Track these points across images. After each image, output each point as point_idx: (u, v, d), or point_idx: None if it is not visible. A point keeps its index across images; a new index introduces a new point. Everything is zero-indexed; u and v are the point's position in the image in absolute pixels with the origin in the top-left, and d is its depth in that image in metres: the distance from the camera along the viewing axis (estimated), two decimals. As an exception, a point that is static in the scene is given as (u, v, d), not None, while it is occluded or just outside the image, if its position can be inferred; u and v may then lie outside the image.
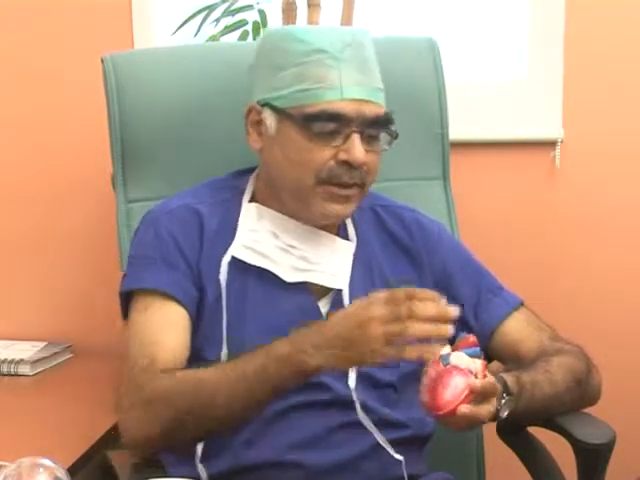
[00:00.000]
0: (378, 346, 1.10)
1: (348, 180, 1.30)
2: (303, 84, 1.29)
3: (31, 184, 2.11)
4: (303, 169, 1.30)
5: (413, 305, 1.10)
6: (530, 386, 1.27)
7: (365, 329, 1.11)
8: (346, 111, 1.28)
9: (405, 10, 2.06)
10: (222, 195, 1.41)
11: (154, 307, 1.31)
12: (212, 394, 1.18)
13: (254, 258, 1.35)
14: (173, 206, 1.38)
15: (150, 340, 1.28)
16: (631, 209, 1.96)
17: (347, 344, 1.12)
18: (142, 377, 1.24)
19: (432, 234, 1.46)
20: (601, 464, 1.28)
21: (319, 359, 1.13)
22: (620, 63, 1.92)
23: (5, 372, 1.92)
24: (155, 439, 1.22)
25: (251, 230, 1.36)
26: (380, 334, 1.10)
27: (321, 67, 1.29)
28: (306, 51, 1.30)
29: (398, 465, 1.30)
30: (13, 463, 0.95)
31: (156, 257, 1.34)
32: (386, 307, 1.11)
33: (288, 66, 1.30)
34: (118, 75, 1.59)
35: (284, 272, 1.34)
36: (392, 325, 1.10)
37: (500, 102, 1.98)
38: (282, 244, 1.35)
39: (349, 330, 1.12)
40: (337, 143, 1.29)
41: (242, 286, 1.34)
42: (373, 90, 1.31)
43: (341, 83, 1.28)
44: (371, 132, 1.31)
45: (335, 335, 1.13)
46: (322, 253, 1.37)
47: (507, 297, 1.45)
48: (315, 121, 1.28)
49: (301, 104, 1.29)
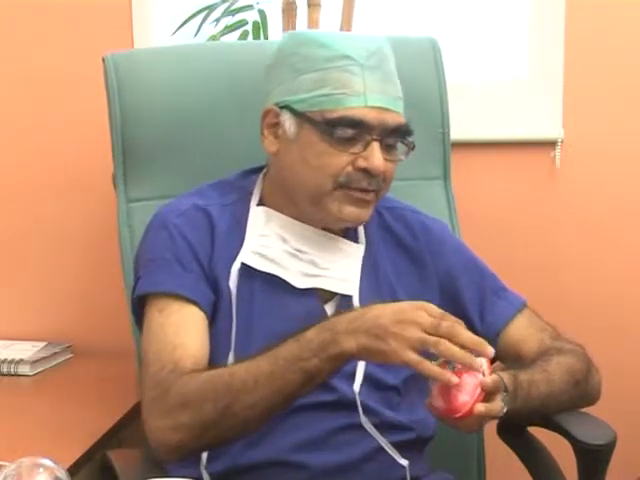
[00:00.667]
0: (407, 347, 1.10)
1: (366, 186, 1.30)
2: (325, 89, 1.28)
3: (31, 184, 2.10)
4: (322, 173, 1.29)
5: (455, 328, 1.11)
6: (527, 385, 1.27)
7: (404, 327, 1.11)
8: (368, 118, 1.28)
9: (406, 10, 2.06)
10: (230, 197, 1.40)
11: (172, 309, 1.30)
12: (245, 386, 1.16)
13: (263, 264, 1.34)
14: (183, 207, 1.37)
15: (172, 343, 1.26)
16: (631, 209, 1.96)
17: (381, 334, 1.11)
18: (170, 381, 1.22)
19: (436, 236, 1.46)
20: (601, 464, 1.28)
21: (352, 342, 1.12)
22: (620, 63, 1.92)
23: (5, 372, 1.92)
24: (191, 441, 1.20)
25: (260, 235, 1.36)
26: (415, 338, 1.10)
27: (345, 73, 1.28)
28: (330, 57, 1.29)
29: (400, 467, 1.30)
30: (13, 463, 0.94)
31: (171, 260, 1.32)
32: (432, 318, 1.12)
33: (310, 70, 1.30)
34: (119, 74, 1.59)
35: (293, 278, 1.34)
36: (429, 336, 1.10)
37: (500, 102, 1.99)
38: (290, 249, 1.35)
39: (390, 322, 1.12)
40: (356, 150, 1.29)
41: (250, 291, 1.34)
42: (395, 99, 1.32)
43: (365, 90, 1.28)
44: (390, 141, 1.31)
45: (374, 323, 1.12)
46: (331, 257, 1.36)
47: (511, 298, 1.45)
48: (337, 126, 1.27)
49: (323, 109, 1.28)
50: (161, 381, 1.23)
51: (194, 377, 1.21)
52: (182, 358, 1.24)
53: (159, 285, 1.32)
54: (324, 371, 1.16)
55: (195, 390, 1.20)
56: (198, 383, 1.20)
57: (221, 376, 1.20)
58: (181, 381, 1.21)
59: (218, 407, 1.17)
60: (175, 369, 1.23)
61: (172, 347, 1.26)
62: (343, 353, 1.13)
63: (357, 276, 1.37)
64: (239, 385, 1.17)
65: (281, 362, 1.16)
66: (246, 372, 1.17)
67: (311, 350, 1.14)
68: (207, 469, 1.29)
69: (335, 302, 1.36)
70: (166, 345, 1.27)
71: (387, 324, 1.12)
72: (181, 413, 1.19)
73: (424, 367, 1.10)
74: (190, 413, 1.19)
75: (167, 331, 1.28)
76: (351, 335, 1.13)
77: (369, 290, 1.37)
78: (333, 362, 1.15)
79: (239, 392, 1.17)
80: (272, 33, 1.91)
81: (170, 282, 1.31)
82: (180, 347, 1.26)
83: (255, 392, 1.16)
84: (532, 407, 1.29)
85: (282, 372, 1.15)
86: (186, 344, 1.27)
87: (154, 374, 1.24)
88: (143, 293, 1.33)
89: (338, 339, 1.13)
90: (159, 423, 1.21)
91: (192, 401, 1.19)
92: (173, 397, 1.20)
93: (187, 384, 1.21)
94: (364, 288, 1.36)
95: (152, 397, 1.23)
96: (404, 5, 2.06)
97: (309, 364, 1.14)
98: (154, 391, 1.23)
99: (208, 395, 1.18)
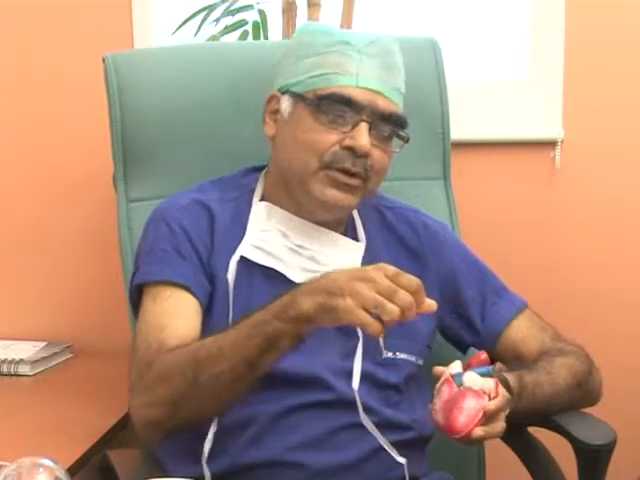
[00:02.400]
0: (357, 305, 1.07)
1: (350, 167, 1.30)
2: (321, 69, 1.31)
3: (31, 184, 2.10)
4: (308, 150, 1.30)
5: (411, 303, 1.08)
6: (532, 386, 1.28)
7: (359, 284, 1.08)
8: (358, 98, 1.29)
9: (406, 10, 2.06)
10: (231, 193, 1.41)
11: (164, 296, 1.31)
12: (210, 356, 1.17)
13: (263, 258, 1.35)
14: (184, 202, 1.38)
15: (160, 326, 1.27)
16: (631, 209, 1.96)
17: (337, 292, 1.09)
18: (153, 358, 1.23)
19: (438, 236, 1.47)
20: (602, 465, 1.28)
21: (309, 302, 1.11)
22: (620, 63, 1.92)
23: (5, 372, 1.92)
24: (167, 417, 1.21)
25: (261, 230, 1.36)
26: (368, 297, 1.07)
27: (342, 56, 1.30)
28: (329, 42, 1.32)
29: (400, 467, 1.30)
30: (13, 463, 0.94)
31: (168, 250, 1.33)
32: (388, 282, 1.08)
33: (310, 55, 1.33)
34: (119, 74, 1.59)
35: (293, 273, 1.34)
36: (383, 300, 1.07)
37: (500, 102, 1.98)
38: (291, 244, 1.35)
39: (345, 278, 1.09)
40: (345, 129, 1.30)
41: (249, 285, 1.34)
42: (391, 88, 1.32)
43: (358, 71, 1.30)
44: (381, 127, 1.31)
45: (332, 280, 1.11)
46: (331, 254, 1.36)
47: (512, 299, 1.46)
48: (325, 102, 1.29)
49: (315, 87, 1.31)
50: (145, 359, 1.24)
51: (172, 353, 1.22)
52: (169, 337, 1.25)
53: (154, 274, 1.33)
54: (286, 334, 1.14)
55: (170, 364, 1.21)
56: (173, 357, 1.21)
57: (191, 348, 1.21)
58: (162, 357, 1.22)
59: (187, 378, 1.18)
60: (160, 347, 1.24)
61: (160, 328, 1.27)
62: (302, 313, 1.11)
63: None
64: (204, 355, 1.18)
65: (245, 328, 1.16)
66: (213, 342, 1.18)
67: (272, 312, 1.14)
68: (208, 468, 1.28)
69: None
70: (155, 327, 1.28)
71: (343, 281, 1.09)
72: (157, 387, 1.21)
73: (369, 330, 1.07)
74: (164, 387, 1.20)
75: (157, 316, 1.29)
76: (309, 295, 1.11)
77: None
78: (294, 324, 1.13)
79: (204, 361, 1.17)
80: (272, 33, 1.91)
81: (165, 270, 1.32)
82: (168, 328, 1.27)
83: (219, 361, 1.16)
84: (536, 408, 1.30)
85: (245, 338, 1.15)
86: (175, 325, 1.27)
87: (141, 355, 1.26)
88: (139, 283, 1.35)
89: (297, 300, 1.12)
90: (139, 400, 1.23)
91: (166, 375, 1.20)
92: (152, 372, 1.22)
93: (165, 359, 1.22)
94: None
95: (136, 375, 1.25)
96: (404, 5, 2.06)
97: (270, 327, 1.14)
98: (139, 369, 1.24)
99: (179, 368, 1.19)
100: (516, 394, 1.24)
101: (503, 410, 1.19)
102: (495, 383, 1.17)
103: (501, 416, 1.19)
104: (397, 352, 1.36)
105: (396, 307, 1.07)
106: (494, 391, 1.17)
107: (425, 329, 1.41)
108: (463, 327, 1.44)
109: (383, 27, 2.04)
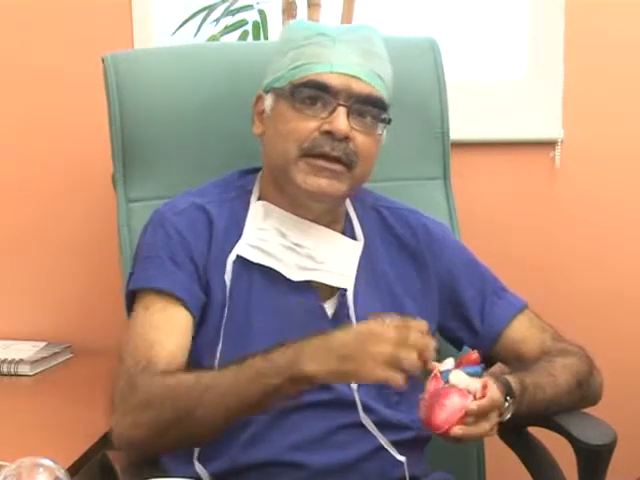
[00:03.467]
0: (380, 364, 1.10)
1: (330, 151, 1.30)
2: (298, 61, 1.32)
3: (31, 184, 2.10)
4: (288, 140, 1.31)
5: (424, 338, 1.11)
6: (533, 388, 1.28)
7: (374, 345, 1.10)
8: (333, 83, 1.30)
9: (405, 10, 2.06)
10: (228, 194, 1.41)
11: (156, 307, 1.30)
12: (207, 393, 1.17)
13: (259, 257, 1.34)
14: (182, 206, 1.38)
15: (149, 341, 1.27)
16: (631, 209, 1.96)
17: (351, 356, 1.11)
18: (139, 379, 1.23)
19: (437, 237, 1.46)
20: (602, 465, 1.28)
21: (314, 366, 1.12)
22: (620, 63, 1.92)
23: (5, 372, 1.92)
24: (148, 443, 1.21)
25: (258, 229, 1.36)
26: (387, 353, 1.10)
27: (317, 47, 1.32)
28: (308, 35, 1.33)
29: (400, 466, 1.30)
30: (13, 463, 0.95)
31: (164, 257, 1.33)
32: (397, 332, 1.11)
33: (289, 50, 1.34)
34: (119, 74, 1.59)
35: (289, 271, 1.34)
36: (400, 349, 1.10)
37: (500, 102, 1.98)
38: (289, 243, 1.35)
39: (358, 343, 1.12)
40: (323, 115, 1.30)
41: (247, 285, 1.34)
42: (368, 72, 1.32)
43: (333, 59, 1.31)
44: (360, 110, 1.31)
45: (341, 345, 1.13)
46: (329, 252, 1.36)
47: (512, 299, 1.46)
48: (302, 90, 1.30)
49: (292, 79, 1.32)
50: (131, 377, 1.24)
51: (162, 378, 1.22)
52: (156, 356, 1.25)
53: (149, 281, 1.32)
54: (285, 391, 1.16)
55: (159, 391, 1.20)
56: (163, 384, 1.21)
57: (186, 380, 1.20)
58: (149, 381, 1.22)
59: (178, 410, 1.18)
60: (147, 366, 1.24)
61: (149, 344, 1.26)
62: (305, 377, 1.13)
63: (353, 271, 1.36)
64: (201, 391, 1.18)
65: (245, 375, 1.16)
66: (211, 379, 1.18)
67: (275, 369, 1.15)
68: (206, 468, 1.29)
69: (336, 299, 1.36)
70: (144, 342, 1.27)
71: (354, 344, 1.12)
72: (142, 412, 1.20)
73: (394, 384, 1.10)
74: (151, 413, 1.20)
75: (148, 329, 1.29)
76: (315, 359, 1.13)
77: (366, 286, 1.37)
78: (295, 383, 1.15)
79: (199, 398, 1.17)
80: (272, 33, 1.91)
81: (160, 279, 1.32)
82: (157, 345, 1.26)
83: (215, 400, 1.17)
84: (537, 409, 1.30)
85: (244, 385, 1.16)
86: (163, 343, 1.27)
87: (127, 369, 1.25)
88: (134, 289, 1.34)
89: (302, 361, 1.13)
90: (122, 418, 1.22)
91: (154, 401, 1.20)
92: (138, 395, 1.21)
93: (153, 384, 1.21)
94: (361, 284, 1.37)
95: (120, 391, 1.24)
96: (404, 5, 2.06)
97: (270, 382, 1.15)
98: (124, 386, 1.24)
99: (170, 397, 1.19)
100: (518, 396, 1.25)
101: (488, 412, 1.18)
102: (483, 384, 1.17)
103: (490, 417, 1.19)
104: None
105: (412, 353, 1.09)
106: (480, 392, 1.17)
107: None
108: (462, 327, 1.44)
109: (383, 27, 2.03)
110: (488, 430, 1.19)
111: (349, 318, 1.34)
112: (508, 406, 1.23)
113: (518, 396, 1.25)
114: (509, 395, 1.23)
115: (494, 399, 1.19)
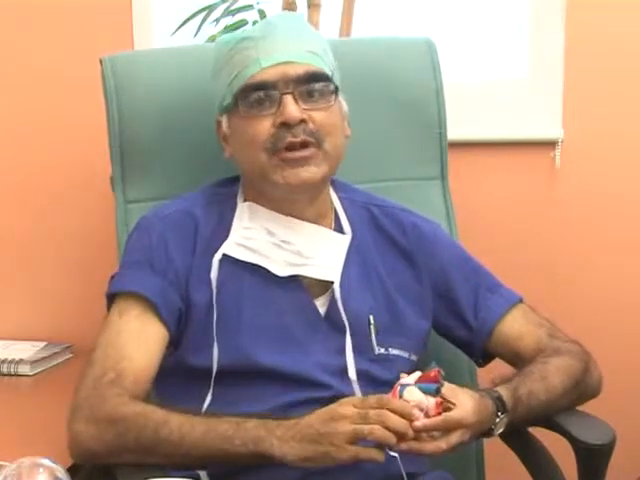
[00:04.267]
0: (343, 443, 1.12)
1: (292, 139, 1.30)
2: (232, 74, 1.33)
3: (30, 184, 2.11)
4: (252, 148, 1.31)
5: (384, 414, 1.13)
6: (526, 397, 1.29)
7: (335, 425, 1.13)
8: (267, 77, 1.30)
9: (406, 10, 2.06)
10: (216, 197, 1.41)
11: (131, 314, 1.31)
12: (170, 438, 1.18)
13: (246, 254, 1.35)
14: (167, 211, 1.39)
15: (120, 353, 1.27)
16: (631, 209, 1.96)
17: (316, 437, 1.14)
18: (107, 391, 1.23)
19: (427, 235, 1.46)
20: (601, 464, 1.28)
21: (283, 450, 1.14)
22: (620, 63, 1.92)
23: (5, 372, 1.93)
24: (103, 457, 1.22)
25: (245, 228, 1.36)
26: (348, 431, 1.12)
27: (244, 51, 1.32)
28: (231, 46, 1.34)
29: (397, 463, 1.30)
30: (13, 463, 0.95)
31: (144, 263, 1.33)
32: (356, 409, 1.14)
33: (221, 69, 1.35)
34: (117, 76, 1.59)
35: (277, 267, 1.34)
36: (360, 425, 1.12)
37: (500, 102, 1.98)
38: (276, 240, 1.35)
39: (320, 423, 1.14)
40: (272, 111, 1.30)
41: (237, 285, 1.34)
42: (297, 52, 1.32)
43: (258, 56, 1.31)
44: (305, 89, 1.31)
45: (306, 427, 1.15)
46: (316, 247, 1.36)
47: (505, 294, 1.45)
48: (244, 97, 1.31)
49: (233, 92, 1.32)
50: (98, 388, 1.24)
51: (130, 403, 1.22)
52: (125, 371, 1.25)
53: (124, 285, 1.33)
54: (247, 460, 1.17)
55: (126, 417, 1.20)
56: (132, 412, 1.21)
57: (154, 417, 1.20)
58: (117, 400, 1.22)
59: (139, 443, 1.19)
60: (115, 380, 1.24)
61: (119, 356, 1.27)
62: (271, 456, 1.15)
63: (340, 264, 1.36)
64: (166, 435, 1.18)
65: (212, 435, 1.17)
66: (178, 427, 1.18)
67: (243, 438, 1.16)
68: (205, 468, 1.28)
69: (327, 297, 1.36)
70: (115, 351, 1.27)
71: (318, 426, 1.14)
72: (105, 430, 1.20)
73: (366, 456, 1.13)
74: (113, 434, 1.20)
75: (119, 338, 1.29)
76: (286, 443, 1.14)
77: (358, 283, 1.38)
78: (259, 458, 1.16)
79: (162, 441, 1.18)
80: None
81: (136, 283, 1.32)
82: (126, 359, 1.26)
83: (177, 448, 1.18)
84: (534, 416, 1.31)
85: (209, 444, 1.17)
86: (133, 358, 1.27)
87: (95, 378, 1.25)
88: (110, 292, 1.35)
89: (271, 441, 1.15)
90: (83, 428, 1.22)
91: (119, 425, 1.20)
92: (104, 412, 1.21)
93: (121, 407, 1.21)
94: (353, 283, 1.37)
95: (86, 400, 1.24)
96: (404, 5, 2.06)
97: (236, 449, 1.16)
98: (89, 395, 1.24)
99: (135, 428, 1.19)
100: (510, 410, 1.26)
101: (440, 429, 1.18)
102: (436, 402, 1.18)
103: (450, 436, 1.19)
104: (390, 348, 1.37)
105: (375, 426, 1.12)
106: (433, 410, 1.17)
107: (419, 326, 1.42)
108: (457, 324, 1.44)
109: (383, 27, 2.04)
110: (444, 448, 1.19)
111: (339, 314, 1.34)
112: (499, 421, 1.25)
113: (511, 409, 1.26)
114: (500, 410, 1.24)
115: (451, 419, 1.19)
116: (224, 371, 1.30)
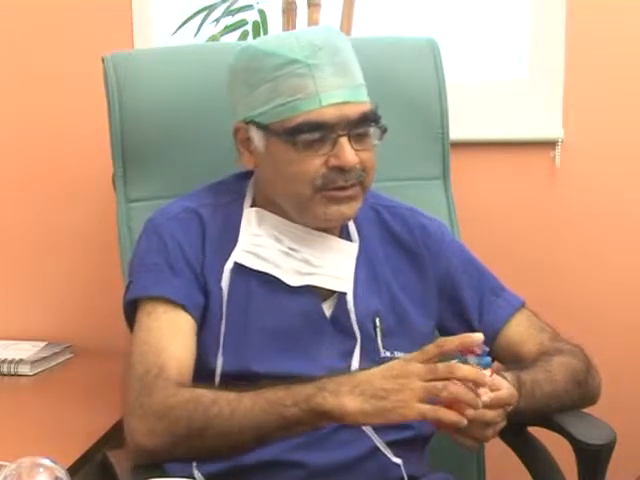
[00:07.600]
0: (413, 400, 1.10)
1: (344, 184, 1.29)
2: (280, 98, 1.28)
3: (31, 184, 2.11)
4: (298, 182, 1.29)
5: (454, 367, 1.12)
6: (530, 384, 1.28)
7: (404, 381, 1.11)
8: (327, 118, 1.27)
9: (406, 10, 2.06)
10: (223, 198, 1.40)
11: (158, 312, 1.30)
12: (221, 415, 1.17)
13: (257, 263, 1.34)
14: (175, 211, 1.38)
15: (156, 347, 1.27)
16: (631, 209, 1.96)
17: (380, 393, 1.12)
18: (154, 386, 1.23)
19: (434, 236, 1.46)
20: (601, 464, 1.28)
21: (341, 401, 1.13)
22: (621, 63, 1.92)
23: (5, 372, 1.92)
24: (163, 450, 1.21)
25: (253, 235, 1.36)
26: (418, 387, 1.11)
27: (294, 78, 1.27)
28: (277, 65, 1.28)
29: (397, 467, 1.30)
30: (13, 463, 0.94)
31: (161, 264, 1.33)
32: (426, 365, 1.12)
33: (262, 83, 1.30)
34: (119, 75, 1.59)
35: (287, 276, 1.34)
36: (433, 383, 1.11)
37: (500, 102, 1.98)
38: (284, 248, 1.35)
39: (383, 380, 1.12)
40: (325, 150, 1.28)
41: (245, 291, 1.34)
42: (353, 89, 1.30)
43: (317, 91, 1.27)
44: (358, 131, 1.30)
45: (365, 382, 1.13)
46: (325, 255, 1.36)
47: (509, 298, 1.46)
48: (298, 134, 1.27)
49: (282, 119, 1.28)
50: (146, 385, 1.23)
51: (178, 389, 1.22)
52: (167, 363, 1.25)
53: (148, 289, 1.32)
54: (302, 423, 1.16)
55: (175, 405, 1.20)
56: (180, 399, 1.20)
57: (203, 399, 1.20)
58: (165, 392, 1.22)
59: (192, 428, 1.18)
60: (160, 374, 1.24)
61: (157, 350, 1.26)
62: (325, 411, 1.13)
63: (351, 273, 1.36)
64: (215, 413, 1.18)
65: (263, 402, 1.16)
66: (227, 403, 1.18)
67: (294, 398, 1.15)
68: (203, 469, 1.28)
69: (332, 301, 1.36)
70: (151, 348, 1.27)
71: (381, 383, 1.12)
72: (157, 422, 1.20)
73: (440, 414, 1.11)
74: (165, 425, 1.20)
75: (153, 334, 1.29)
76: (343, 396, 1.13)
77: (365, 287, 1.37)
78: (313, 416, 1.15)
79: (214, 419, 1.17)
80: (272, 33, 1.91)
81: (159, 286, 1.31)
82: (164, 351, 1.26)
83: (229, 423, 1.17)
84: (536, 407, 1.30)
85: (261, 411, 1.16)
86: (170, 348, 1.27)
87: (140, 377, 1.25)
88: (133, 298, 1.34)
89: (323, 396, 1.14)
90: (138, 425, 1.22)
91: (170, 415, 1.19)
92: (154, 405, 1.21)
93: (170, 397, 1.21)
94: (360, 285, 1.37)
95: (136, 399, 1.23)
96: (404, 5, 2.06)
97: (288, 411, 1.15)
98: (139, 393, 1.23)
99: (186, 414, 1.19)
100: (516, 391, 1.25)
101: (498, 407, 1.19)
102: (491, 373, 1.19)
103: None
104: (395, 351, 1.36)
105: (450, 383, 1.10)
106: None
107: (423, 328, 1.41)
108: (460, 326, 1.44)
109: (383, 27, 2.04)
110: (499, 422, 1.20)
111: (348, 319, 1.35)
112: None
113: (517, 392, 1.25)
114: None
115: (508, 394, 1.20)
116: (228, 378, 1.31)
